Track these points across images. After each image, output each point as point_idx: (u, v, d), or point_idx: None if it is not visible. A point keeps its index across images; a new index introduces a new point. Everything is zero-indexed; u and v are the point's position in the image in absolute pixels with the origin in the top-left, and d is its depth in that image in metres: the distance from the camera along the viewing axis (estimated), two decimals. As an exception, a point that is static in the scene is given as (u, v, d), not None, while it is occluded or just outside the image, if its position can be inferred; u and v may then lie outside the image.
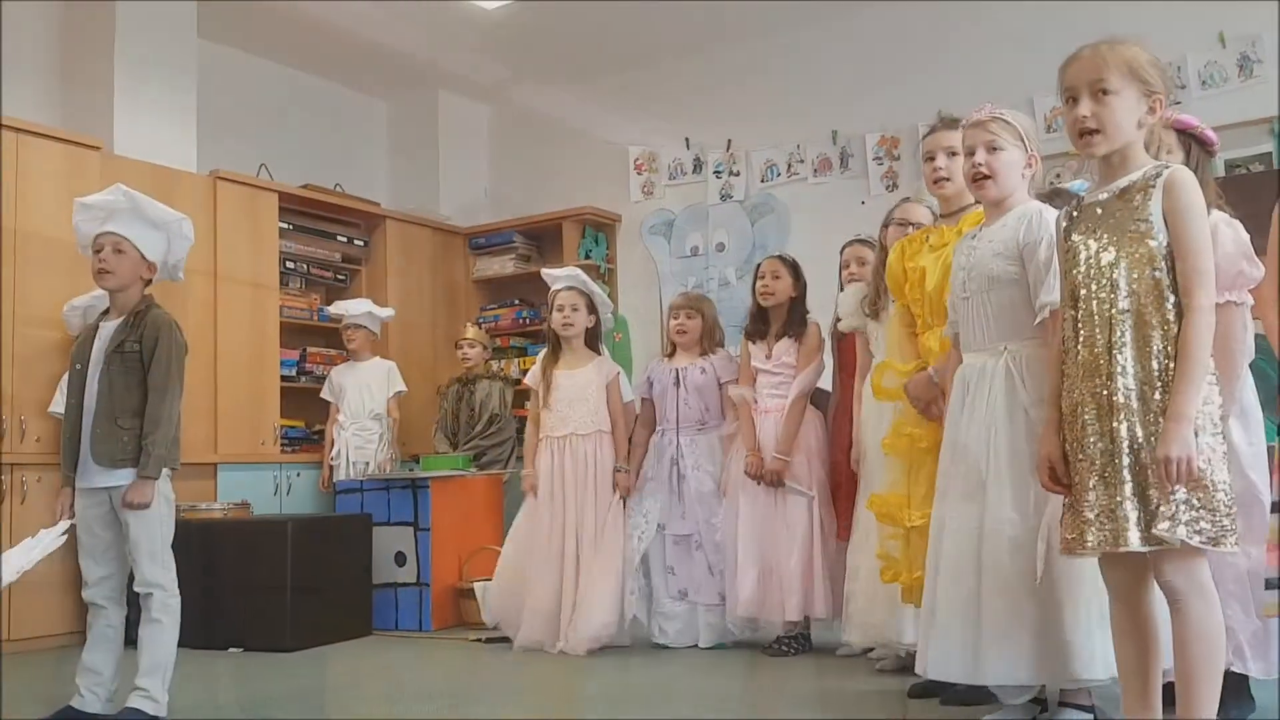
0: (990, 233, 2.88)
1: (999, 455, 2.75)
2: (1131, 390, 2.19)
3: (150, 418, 3.28)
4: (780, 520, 4.29)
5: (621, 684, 3.80)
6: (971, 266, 2.86)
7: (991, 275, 2.80)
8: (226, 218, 5.94)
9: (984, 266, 2.82)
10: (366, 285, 6.88)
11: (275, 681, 4.04)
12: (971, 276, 2.86)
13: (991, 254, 2.81)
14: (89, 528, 3.33)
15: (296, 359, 6.48)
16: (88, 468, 3.30)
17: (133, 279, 3.39)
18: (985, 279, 2.81)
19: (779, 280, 4.44)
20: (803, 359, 4.38)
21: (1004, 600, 2.69)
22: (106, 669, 3.32)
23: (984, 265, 2.82)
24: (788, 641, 4.28)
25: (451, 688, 3.81)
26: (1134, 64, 2.28)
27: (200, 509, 5.23)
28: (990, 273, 2.80)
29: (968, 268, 2.88)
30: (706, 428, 4.61)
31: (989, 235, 2.87)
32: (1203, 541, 2.11)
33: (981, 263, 2.83)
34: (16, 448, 4.91)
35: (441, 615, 5.27)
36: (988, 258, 2.82)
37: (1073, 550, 2.25)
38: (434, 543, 5.28)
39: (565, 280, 4.76)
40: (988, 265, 2.81)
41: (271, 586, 4.78)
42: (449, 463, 5.66)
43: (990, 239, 2.85)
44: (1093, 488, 2.22)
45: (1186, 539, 2.10)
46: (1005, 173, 2.84)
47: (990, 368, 2.79)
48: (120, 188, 3.41)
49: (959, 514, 2.81)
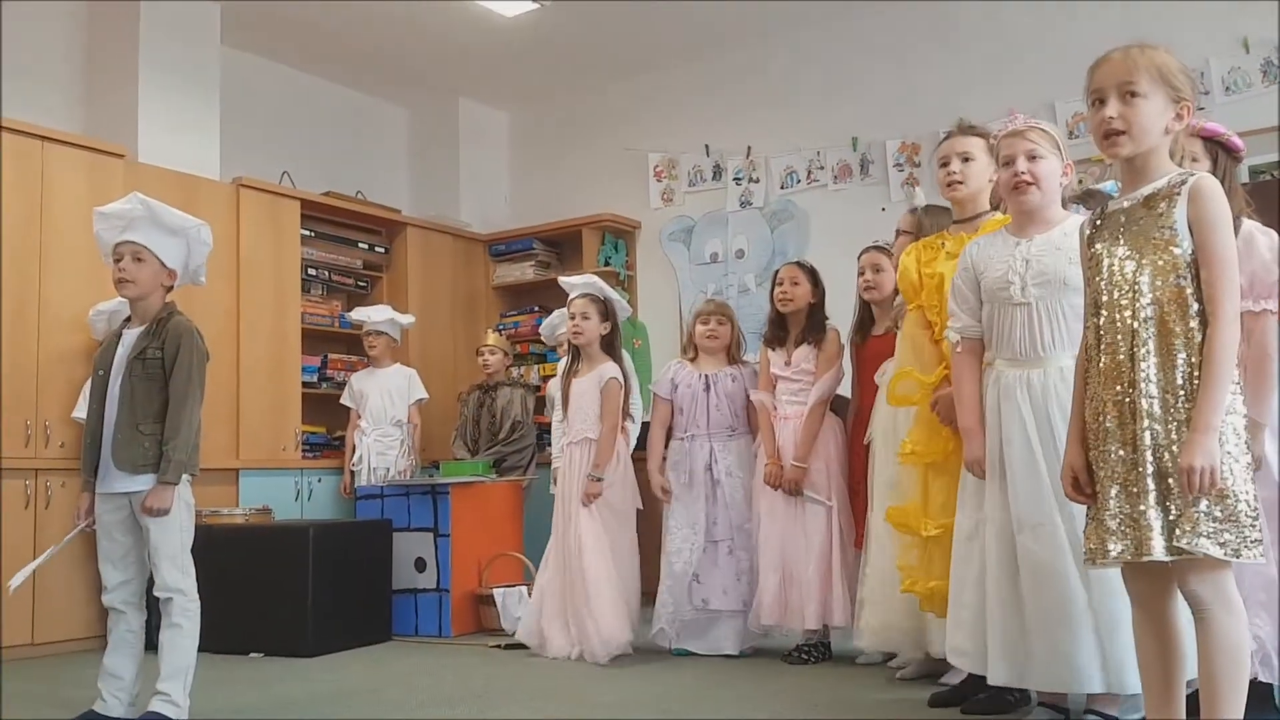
0: (1053, 239, 2.87)
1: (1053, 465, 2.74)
2: (1154, 399, 2.17)
3: (171, 424, 3.29)
4: (800, 527, 4.27)
5: (641, 691, 3.79)
6: (1039, 272, 2.85)
7: (1066, 281, 2.79)
8: (249, 225, 5.98)
9: (1057, 271, 2.81)
10: (387, 292, 6.91)
11: (295, 686, 4.05)
12: (1035, 282, 2.84)
13: (1066, 260, 2.79)
14: (109, 533, 3.35)
15: (318, 365, 6.51)
16: (108, 473, 3.32)
17: (153, 287, 3.41)
18: (1061, 283, 2.81)
19: (798, 287, 4.43)
20: (822, 365, 4.36)
21: (1047, 607, 2.72)
22: (127, 673, 3.34)
23: (1057, 270, 2.81)
24: (807, 649, 4.27)
25: (472, 693, 3.81)
26: (1164, 69, 2.27)
27: (222, 514, 5.26)
28: (1065, 278, 2.79)
29: (1024, 273, 2.86)
30: (736, 434, 4.59)
31: (1054, 242, 2.86)
32: (1226, 553, 2.09)
33: (1054, 268, 2.83)
34: (41, 453, 4.95)
35: (461, 621, 5.28)
36: (1062, 264, 2.81)
37: (1095, 560, 2.23)
38: (454, 549, 5.29)
39: (580, 288, 4.75)
40: (1062, 271, 2.80)
41: (292, 591, 4.80)
42: (469, 469, 5.67)
43: (1057, 246, 2.84)
44: (1115, 496, 2.20)
45: (1209, 551, 2.08)
46: (1047, 180, 2.90)
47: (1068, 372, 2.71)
48: (137, 196, 3.43)
49: (1009, 523, 2.81)
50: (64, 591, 4.89)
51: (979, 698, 3.16)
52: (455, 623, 5.25)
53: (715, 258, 6.88)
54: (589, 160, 7.43)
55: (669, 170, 7.10)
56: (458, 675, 4.19)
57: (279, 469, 5.94)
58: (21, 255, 5.00)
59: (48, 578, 4.76)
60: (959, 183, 3.34)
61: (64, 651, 4.89)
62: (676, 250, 7.04)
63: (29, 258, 5.03)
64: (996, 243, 3.00)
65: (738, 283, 6.75)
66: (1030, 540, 2.79)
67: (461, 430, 6.34)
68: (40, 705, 3.72)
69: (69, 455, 4.96)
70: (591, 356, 4.71)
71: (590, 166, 7.41)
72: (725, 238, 6.86)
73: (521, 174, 7.84)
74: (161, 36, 5.81)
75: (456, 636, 5.21)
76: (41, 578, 4.73)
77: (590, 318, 4.65)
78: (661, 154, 7.11)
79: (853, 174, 6.44)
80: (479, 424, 6.27)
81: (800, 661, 4.24)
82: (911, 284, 3.49)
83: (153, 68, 5.78)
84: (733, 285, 6.74)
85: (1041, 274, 2.86)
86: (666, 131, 7.10)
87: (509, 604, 5.16)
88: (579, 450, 4.59)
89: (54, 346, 5.06)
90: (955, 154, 3.35)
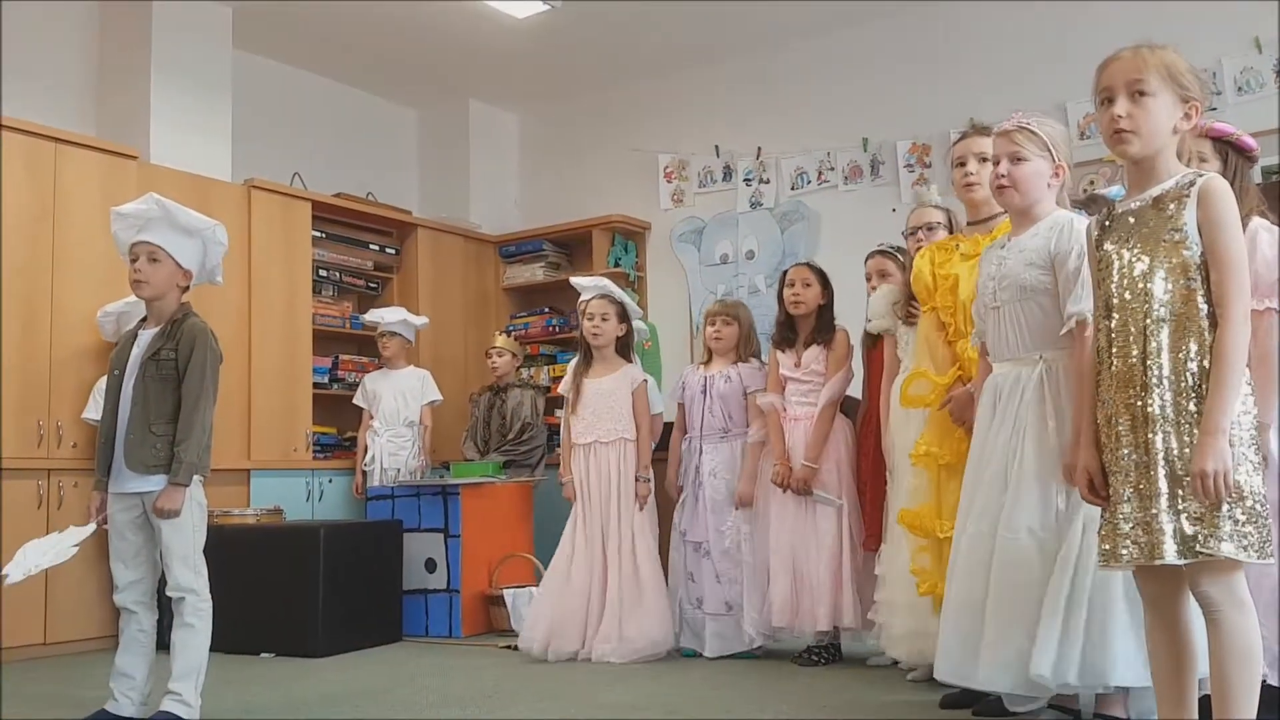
0: (1021, 242, 2.90)
1: (1025, 463, 2.78)
2: (1167, 402, 2.16)
3: (183, 426, 3.30)
4: (811, 529, 4.27)
5: (651, 692, 3.79)
6: (1003, 276, 2.89)
7: (1024, 285, 2.83)
8: (260, 226, 6.00)
9: (1016, 276, 2.85)
10: (398, 293, 6.92)
11: (306, 686, 4.06)
12: (1003, 286, 2.88)
13: (1024, 263, 2.83)
14: (121, 532, 3.36)
15: (329, 366, 6.53)
16: (121, 473, 3.34)
17: (168, 287, 3.42)
18: (1018, 288, 2.85)
19: (808, 288, 4.43)
20: (832, 366, 4.36)
21: (1007, 606, 2.74)
22: (139, 673, 3.35)
23: (1016, 275, 2.85)
24: (818, 651, 4.27)
25: (482, 693, 3.82)
26: (1173, 68, 2.27)
27: (233, 514, 5.27)
28: (1023, 282, 2.83)
29: (997, 277, 2.91)
30: (729, 435, 4.60)
31: (1020, 244, 2.90)
32: (1250, 555, 2.08)
33: (1013, 272, 2.86)
34: (53, 453, 4.98)
35: (471, 621, 5.29)
36: (1020, 267, 2.85)
37: (1109, 563, 2.22)
38: (464, 549, 5.30)
39: (595, 289, 4.77)
40: (1020, 275, 2.84)
41: (303, 592, 4.82)
42: (479, 469, 5.68)
43: (1021, 248, 2.88)
44: (1127, 499, 2.19)
45: (1230, 554, 2.07)
46: (1026, 183, 2.88)
47: (1025, 376, 2.83)
48: (153, 196, 3.44)
49: (978, 520, 2.85)
50: (76, 591, 4.91)
51: (990, 700, 3.16)
52: (465, 623, 5.26)
53: (725, 259, 6.87)
54: (599, 161, 7.43)
55: (679, 171, 7.10)
56: (468, 676, 4.20)
57: (290, 469, 5.96)
58: (34, 256, 5.02)
59: (60, 578, 4.78)
60: (975, 184, 3.34)
61: (76, 651, 4.91)
62: (686, 251, 7.03)
63: (41, 259, 5.05)
64: (996, 246, 3.04)
65: (748, 284, 6.74)
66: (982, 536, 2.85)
67: (472, 431, 6.35)
68: (52, 705, 3.74)
69: (81, 456, 4.98)
70: (606, 357, 4.73)
71: (600, 168, 7.41)
72: (735, 239, 6.85)
73: (531, 175, 7.85)
74: (173, 38, 5.83)
75: (467, 637, 5.22)
76: (54, 578, 4.76)
77: (609, 319, 4.69)
78: (671, 155, 7.11)
79: (863, 175, 6.43)
80: (489, 425, 6.28)
81: (810, 663, 4.24)
82: (926, 286, 3.50)
83: (165, 70, 5.80)
84: (743, 286, 6.73)
85: (1004, 278, 2.91)
86: (676, 132, 7.10)
87: (519, 605, 5.17)
88: (611, 451, 4.60)
89: (66, 347, 5.09)
90: (973, 154, 3.35)
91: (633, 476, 4.57)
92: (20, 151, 5.02)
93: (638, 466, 4.58)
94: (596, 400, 4.66)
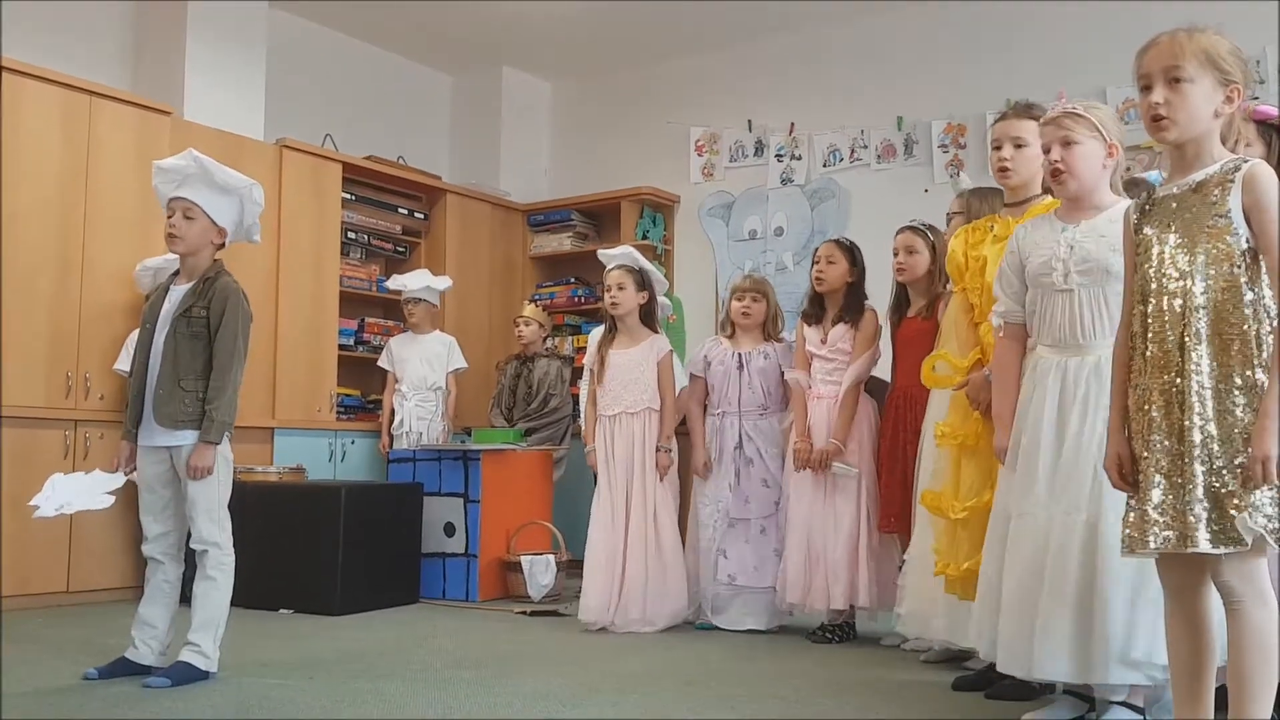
0: (1098, 226, 2.81)
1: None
2: (1206, 389, 2.14)
3: (214, 385, 3.33)
4: (829, 508, 4.27)
5: (665, 662, 3.81)
6: (1081, 259, 2.80)
7: (1110, 269, 2.74)
8: (291, 186, 6.02)
9: (1100, 259, 2.77)
10: (425, 258, 6.93)
11: (324, 643, 4.11)
12: (1080, 269, 2.80)
13: (1109, 248, 2.74)
14: (149, 485, 3.40)
15: (355, 329, 6.56)
16: (150, 427, 3.37)
17: (202, 244, 3.44)
18: (1102, 272, 2.76)
19: (834, 265, 4.41)
20: (859, 346, 4.34)
21: (1064, 597, 2.68)
22: (161, 623, 3.40)
23: (1101, 258, 2.77)
24: (832, 629, 4.27)
25: (497, 656, 3.85)
26: (1211, 52, 2.22)
27: (257, 472, 5.32)
28: (1108, 266, 2.74)
29: (1069, 260, 2.82)
30: (768, 413, 4.59)
31: (1097, 229, 2.80)
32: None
33: (1095, 255, 2.78)
34: (81, 404, 5.03)
35: (488, 586, 5.33)
36: (1105, 251, 2.76)
37: (1134, 549, 2.20)
38: (483, 515, 5.33)
39: (617, 259, 4.75)
40: (1106, 258, 2.75)
41: (323, 551, 4.87)
42: (500, 436, 5.70)
43: (1101, 233, 2.78)
44: (1157, 485, 2.17)
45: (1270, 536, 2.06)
46: (1081, 167, 2.81)
47: (1107, 361, 2.68)
48: (192, 153, 3.45)
49: (1049, 507, 2.77)
50: (100, 541, 4.98)
51: (1004, 683, 3.15)
52: (482, 588, 5.30)
53: (754, 234, 6.85)
54: (630, 133, 7.41)
55: (710, 145, 7.07)
56: (483, 638, 4.23)
57: (314, 429, 6.00)
58: (67, 209, 5.06)
59: (84, 528, 4.85)
60: (1009, 169, 3.29)
61: (100, 601, 4.98)
62: (715, 226, 7.01)
63: (74, 212, 5.08)
64: (1043, 227, 2.95)
65: (775, 260, 6.72)
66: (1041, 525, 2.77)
67: (498, 399, 6.37)
68: (75, 651, 3.79)
69: (109, 407, 5.04)
70: (630, 328, 4.71)
71: (631, 139, 7.38)
72: (764, 214, 6.82)
73: (562, 145, 7.83)
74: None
75: (483, 601, 5.25)
76: (78, 527, 4.83)
77: (626, 288, 4.66)
78: (703, 128, 7.07)
79: (896, 154, 6.38)
80: (515, 394, 6.30)
81: (825, 640, 4.24)
82: (958, 266, 3.46)
83: (200, 26, 5.81)
84: (770, 263, 6.71)
85: (1084, 261, 2.81)
86: (709, 105, 7.07)
87: (536, 571, 5.20)
88: (637, 421, 4.59)
89: (97, 300, 5.13)
90: (1008, 138, 3.28)
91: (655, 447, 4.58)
92: (55, 104, 5.04)
93: (660, 437, 4.58)
94: (624, 371, 4.65)
